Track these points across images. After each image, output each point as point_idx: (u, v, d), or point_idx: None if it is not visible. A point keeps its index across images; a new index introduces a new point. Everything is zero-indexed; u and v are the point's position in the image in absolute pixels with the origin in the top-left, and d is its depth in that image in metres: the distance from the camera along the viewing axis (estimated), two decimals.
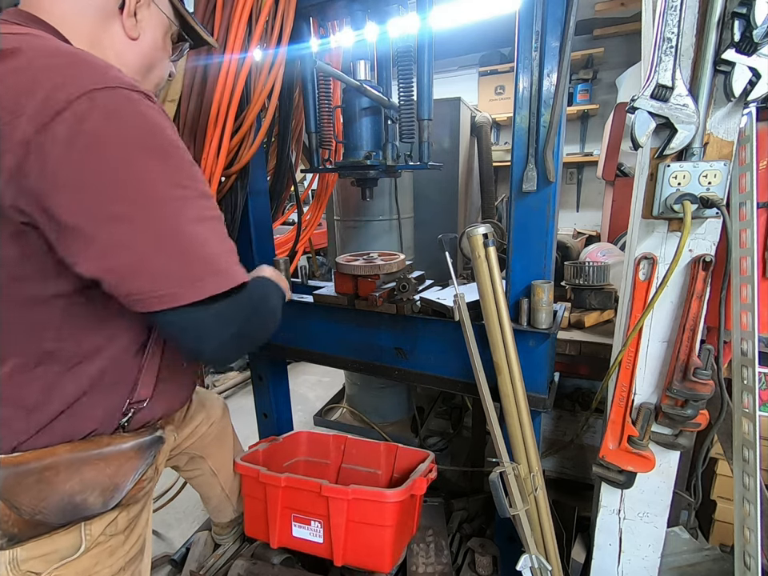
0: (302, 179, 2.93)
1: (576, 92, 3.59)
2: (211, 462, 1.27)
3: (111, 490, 0.74)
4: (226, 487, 1.33)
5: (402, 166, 1.33)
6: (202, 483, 1.30)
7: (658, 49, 0.82)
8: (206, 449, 1.24)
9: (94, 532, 0.76)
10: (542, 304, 1.04)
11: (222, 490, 1.33)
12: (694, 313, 0.92)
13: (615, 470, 1.07)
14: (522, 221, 1.05)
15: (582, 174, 3.89)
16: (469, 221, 2.77)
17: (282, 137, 1.53)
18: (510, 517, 1.04)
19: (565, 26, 0.90)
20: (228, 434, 1.33)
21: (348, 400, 2.59)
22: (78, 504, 0.71)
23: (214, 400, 1.29)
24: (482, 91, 3.83)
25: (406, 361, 1.30)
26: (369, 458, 1.49)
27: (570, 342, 1.43)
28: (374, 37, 1.32)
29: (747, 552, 0.99)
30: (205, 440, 1.21)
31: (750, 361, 0.95)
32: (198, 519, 1.87)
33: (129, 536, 0.83)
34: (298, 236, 1.77)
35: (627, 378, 1.02)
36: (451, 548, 1.43)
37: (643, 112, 0.83)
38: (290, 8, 1.18)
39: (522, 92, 0.98)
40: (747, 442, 0.97)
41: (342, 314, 1.37)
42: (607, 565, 1.19)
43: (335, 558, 1.16)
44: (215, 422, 1.24)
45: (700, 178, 0.85)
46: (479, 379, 1.06)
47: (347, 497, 1.12)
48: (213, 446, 1.26)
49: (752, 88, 0.79)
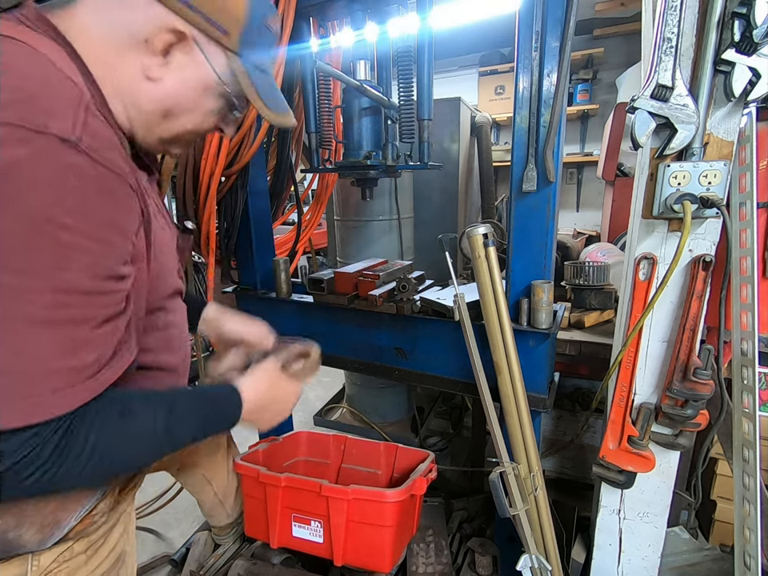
0: (302, 179, 2.93)
1: (576, 92, 3.58)
2: (204, 471, 1.25)
3: (51, 526, 0.64)
4: (219, 493, 1.32)
5: (402, 166, 1.33)
6: (196, 489, 1.29)
7: (657, 49, 0.82)
8: (195, 457, 1.21)
9: (42, 563, 0.65)
10: (542, 304, 1.04)
11: (216, 496, 1.32)
12: (694, 313, 0.92)
13: (615, 469, 1.07)
14: (522, 221, 1.05)
15: (582, 173, 3.89)
16: (469, 221, 2.77)
17: (281, 137, 1.53)
18: (510, 517, 1.04)
19: (565, 25, 0.90)
20: (220, 442, 1.31)
21: (348, 400, 2.59)
22: (10, 540, 0.61)
23: None
24: (482, 91, 3.83)
25: (406, 361, 1.30)
26: (369, 458, 1.49)
27: (569, 342, 1.43)
28: (373, 37, 1.32)
29: (747, 552, 0.99)
30: (193, 450, 1.19)
31: (749, 361, 0.94)
32: (197, 519, 1.87)
33: (94, 555, 0.72)
34: (298, 236, 1.77)
35: (627, 378, 1.02)
36: (451, 548, 1.43)
37: (643, 112, 0.83)
38: (290, 8, 1.18)
39: (522, 92, 0.98)
40: (747, 441, 0.97)
41: (342, 314, 1.37)
42: (607, 565, 1.19)
43: (335, 558, 1.16)
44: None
45: (700, 178, 0.85)
46: (479, 379, 1.06)
47: (347, 497, 1.12)
48: (202, 455, 1.23)
49: (752, 88, 0.79)
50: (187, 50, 0.59)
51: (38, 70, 0.50)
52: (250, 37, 0.62)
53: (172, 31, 0.56)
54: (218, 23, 0.58)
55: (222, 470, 1.31)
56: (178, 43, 0.58)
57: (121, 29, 0.57)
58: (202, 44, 0.59)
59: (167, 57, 0.58)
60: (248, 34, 0.61)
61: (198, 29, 0.58)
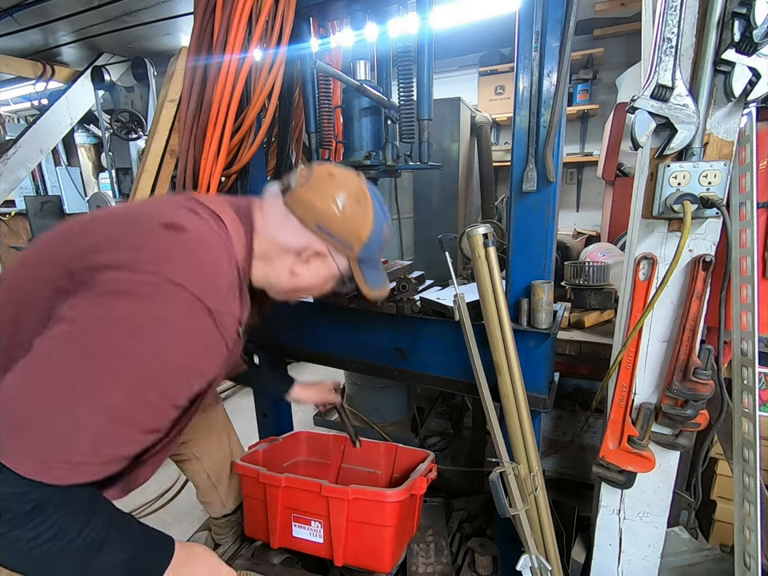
0: None
1: (576, 92, 3.58)
2: (193, 447, 1.29)
3: None
4: (212, 475, 1.34)
5: (402, 166, 1.33)
6: (188, 468, 1.33)
7: (658, 49, 0.82)
8: (187, 435, 1.24)
9: None
10: (541, 304, 1.04)
11: (208, 478, 1.34)
12: (694, 313, 0.92)
13: (615, 469, 1.07)
14: (522, 221, 1.05)
15: (582, 174, 3.89)
16: (469, 221, 2.77)
17: (281, 137, 1.53)
18: (510, 517, 1.04)
19: (565, 25, 0.90)
20: (217, 423, 1.36)
21: (348, 400, 2.58)
22: None
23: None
24: (481, 91, 3.83)
25: (406, 361, 1.30)
26: (369, 457, 1.49)
27: (570, 342, 1.43)
28: (373, 37, 1.32)
29: (747, 552, 0.99)
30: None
31: (749, 361, 0.94)
32: (197, 519, 1.87)
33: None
34: None
35: (627, 378, 1.02)
36: (451, 548, 1.43)
37: (643, 112, 0.83)
38: (290, 8, 1.18)
39: (522, 92, 0.98)
40: (747, 441, 0.97)
41: (342, 314, 1.37)
42: (607, 565, 1.19)
43: (335, 558, 1.16)
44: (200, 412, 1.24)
45: (700, 178, 0.85)
46: (479, 379, 1.06)
47: (347, 497, 1.12)
48: (195, 432, 1.27)
49: (752, 88, 0.79)
50: (323, 259, 0.84)
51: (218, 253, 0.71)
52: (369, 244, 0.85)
53: (316, 250, 0.82)
54: (347, 243, 0.83)
55: (214, 449, 1.34)
56: (319, 256, 0.83)
57: (285, 241, 0.82)
58: (334, 254, 0.84)
59: (308, 263, 0.84)
60: (368, 244, 0.85)
61: (334, 248, 0.83)
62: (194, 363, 0.66)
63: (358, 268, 0.87)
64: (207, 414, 1.29)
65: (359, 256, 0.85)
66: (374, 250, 0.88)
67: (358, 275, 0.88)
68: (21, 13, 2.85)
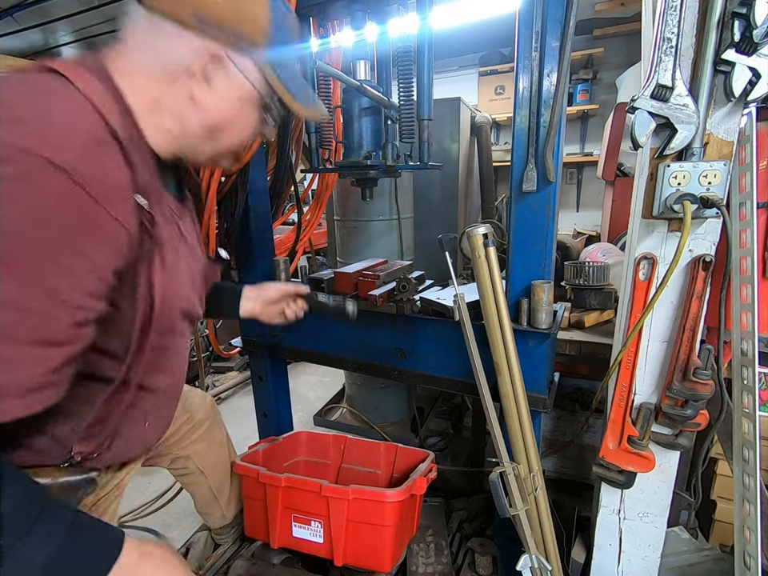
0: (302, 179, 2.93)
1: (576, 92, 3.59)
2: (198, 461, 1.25)
3: None
4: (214, 488, 1.31)
5: (402, 166, 1.33)
6: (190, 482, 1.29)
7: (657, 49, 0.82)
8: (190, 448, 1.22)
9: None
10: (541, 304, 1.04)
11: (210, 491, 1.31)
12: (694, 313, 0.92)
13: (615, 469, 1.07)
14: (522, 221, 1.05)
15: (582, 174, 3.89)
16: (469, 221, 2.77)
17: (281, 137, 1.53)
18: (510, 517, 1.04)
19: (565, 25, 0.90)
20: (217, 434, 1.32)
21: (348, 400, 2.59)
22: None
23: (200, 399, 1.26)
24: (481, 91, 3.83)
25: (406, 361, 1.30)
26: (369, 458, 1.49)
27: (570, 342, 1.43)
28: (373, 37, 1.32)
29: (747, 552, 0.99)
30: (187, 440, 1.20)
31: (749, 361, 0.94)
32: (197, 519, 1.86)
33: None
34: (298, 236, 1.77)
35: (627, 378, 1.02)
36: (451, 548, 1.43)
37: (643, 112, 0.83)
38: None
39: (522, 92, 0.98)
40: (747, 441, 0.97)
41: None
42: (607, 565, 1.19)
43: (335, 558, 1.16)
44: (200, 422, 1.23)
45: (700, 178, 0.85)
46: (479, 379, 1.06)
47: (347, 497, 1.12)
48: (198, 444, 1.24)
49: (752, 88, 0.79)
50: (224, 69, 0.65)
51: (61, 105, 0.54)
52: (275, 39, 0.67)
53: (208, 54, 0.63)
54: (244, 33, 0.64)
55: (218, 463, 1.31)
56: (215, 64, 0.64)
57: (165, 58, 0.63)
58: (235, 59, 0.65)
59: (208, 80, 0.65)
60: (273, 38, 0.66)
61: (231, 46, 0.64)
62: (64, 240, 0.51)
63: (275, 75, 0.68)
64: (205, 423, 1.26)
65: (269, 56, 0.67)
66: (286, 45, 0.70)
67: (278, 86, 0.69)
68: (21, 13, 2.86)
